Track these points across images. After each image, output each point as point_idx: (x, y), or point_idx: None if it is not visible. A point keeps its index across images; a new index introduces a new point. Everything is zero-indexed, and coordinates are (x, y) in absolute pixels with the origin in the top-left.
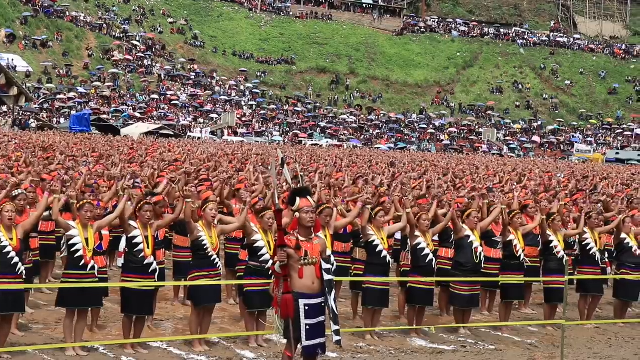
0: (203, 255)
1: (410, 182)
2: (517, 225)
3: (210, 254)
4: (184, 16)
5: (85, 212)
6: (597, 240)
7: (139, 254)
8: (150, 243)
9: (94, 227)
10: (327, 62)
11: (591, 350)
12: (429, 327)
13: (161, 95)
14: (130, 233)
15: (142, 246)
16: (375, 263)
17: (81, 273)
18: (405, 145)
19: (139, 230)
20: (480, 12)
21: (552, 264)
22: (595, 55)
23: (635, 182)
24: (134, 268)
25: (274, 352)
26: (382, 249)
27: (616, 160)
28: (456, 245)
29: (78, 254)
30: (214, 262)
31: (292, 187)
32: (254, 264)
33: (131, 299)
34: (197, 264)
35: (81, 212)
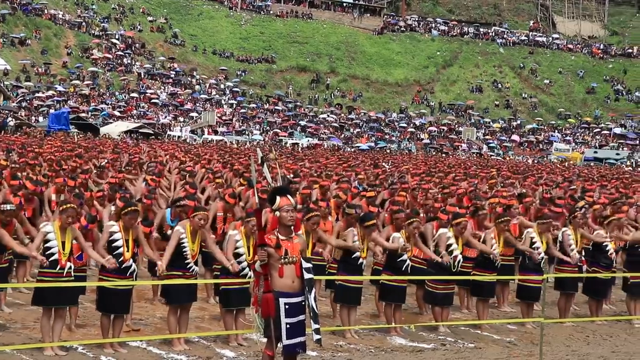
0: (179, 257)
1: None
2: (501, 229)
3: (187, 260)
4: (164, 14)
5: (67, 217)
6: (577, 240)
7: (118, 257)
8: (131, 247)
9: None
10: (308, 61)
11: (569, 348)
12: (408, 325)
13: (141, 93)
14: (112, 236)
15: (122, 249)
16: (350, 264)
17: (56, 272)
18: (386, 144)
19: (120, 234)
20: (460, 12)
21: (529, 262)
22: (574, 55)
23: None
24: (112, 269)
25: (254, 351)
26: (359, 255)
27: (594, 159)
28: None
29: (53, 258)
30: (188, 267)
31: (271, 186)
32: None
33: (107, 298)
34: (172, 264)
35: (63, 216)
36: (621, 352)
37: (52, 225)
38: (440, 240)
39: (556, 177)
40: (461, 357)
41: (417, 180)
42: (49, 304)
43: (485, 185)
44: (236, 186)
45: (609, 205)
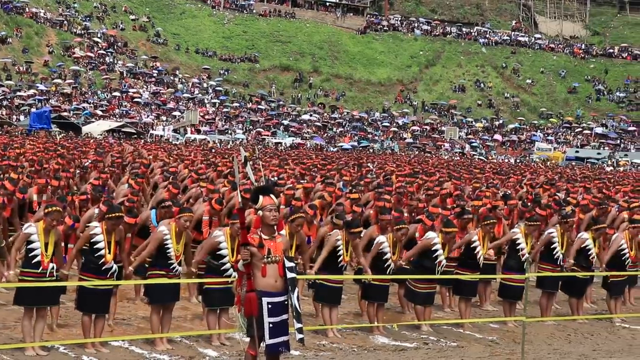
0: (163, 257)
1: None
2: (486, 231)
3: (171, 260)
4: (146, 13)
5: (52, 219)
6: (563, 243)
7: (99, 259)
8: (112, 249)
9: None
10: (291, 60)
11: (551, 346)
12: (391, 324)
13: (123, 92)
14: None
15: (104, 251)
16: (331, 264)
17: (39, 273)
18: (368, 143)
19: (102, 235)
20: (443, 11)
21: (512, 261)
22: (556, 55)
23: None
24: (92, 269)
25: (236, 350)
26: (342, 259)
27: (576, 158)
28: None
29: (36, 260)
30: (172, 267)
31: (255, 186)
32: (214, 263)
33: (87, 298)
34: (155, 263)
35: (47, 218)
36: (602, 351)
37: (35, 226)
38: (423, 242)
39: (538, 177)
40: (443, 356)
41: (402, 180)
42: (30, 304)
43: (469, 187)
44: (220, 187)
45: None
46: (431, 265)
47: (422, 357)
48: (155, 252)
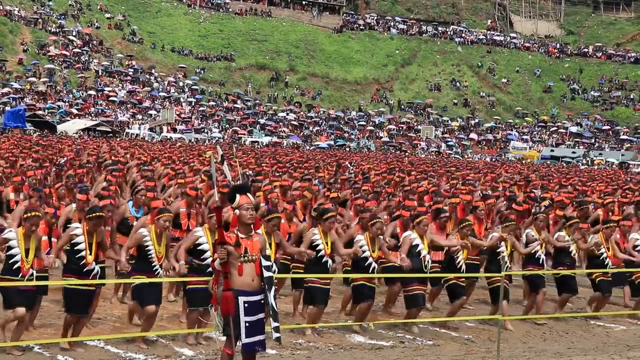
0: (144, 260)
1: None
2: (464, 234)
3: (152, 261)
4: (122, 11)
5: (31, 225)
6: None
7: (80, 260)
8: (94, 250)
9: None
10: (267, 58)
11: (526, 344)
12: (367, 323)
13: (98, 91)
14: (74, 239)
15: (85, 253)
16: (315, 264)
17: (18, 279)
18: (345, 142)
19: (83, 237)
20: (419, 10)
21: (493, 267)
22: (531, 54)
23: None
24: (74, 270)
25: (212, 349)
26: (323, 253)
27: (551, 157)
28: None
29: (16, 266)
30: (154, 269)
31: (231, 184)
32: (197, 262)
33: (73, 299)
34: (137, 268)
35: (26, 224)
36: (577, 349)
37: (15, 232)
38: (404, 244)
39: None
40: (419, 355)
41: (381, 179)
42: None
43: (446, 183)
44: (197, 183)
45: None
46: (418, 265)
47: (398, 355)
48: (136, 256)
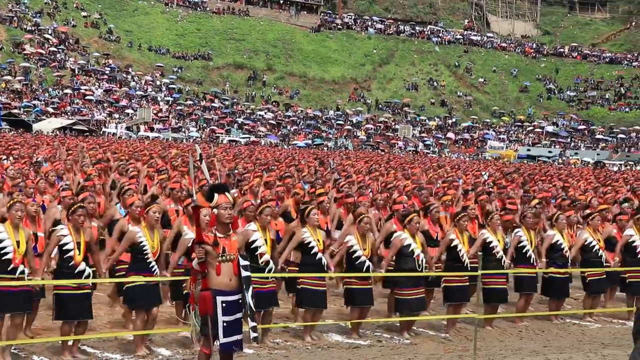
0: (140, 259)
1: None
2: (462, 228)
3: (148, 258)
4: (98, 10)
5: (16, 211)
6: (532, 240)
7: (69, 260)
8: (82, 249)
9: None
10: (244, 58)
11: (502, 343)
12: (345, 322)
13: (75, 90)
14: (62, 240)
15: (73, 253)
16: (310, 264)
17: (9, 277)
18: (323, 141)
19: (70, 237)
20: (396, 10)
21: (490, 264)
22: (507, 54)
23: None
24: (65, 274)
25: (190, 349)
26: (317, 250)
27: (527, 156)
28: (398, 252)
29: (6, 257)
30: (151, 267)
31: (210, 183)
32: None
33: (68, 305)
34: (133, 268)
35: (11, 212)
36: (553, 347)
37: (2, 226)
38: (393, 246)
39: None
40: (397, 354)
41: (362, 178)
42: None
43: (425, 178)
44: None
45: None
46: (411, 266)
47: (376, 354)
48: (130, 257)
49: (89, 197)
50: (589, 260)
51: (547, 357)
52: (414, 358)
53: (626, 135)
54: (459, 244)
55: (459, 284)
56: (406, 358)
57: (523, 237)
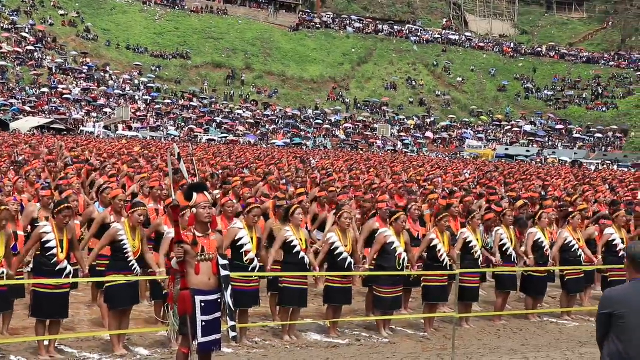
0: (120, 257)
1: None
2: (443, 228)
3: (128, 257)
4: (76, 8)
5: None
6: (512, 238)
7: (52, 258)
8: (65, 247)
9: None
10: (223, 57)
11: (481, 341)
12: (324, 321)
13: (52, 89)
14: (44, 237)
15: (56, 250)
16: (293, 263)
17: None
18: (302, 140)
19: (53, 234)
20: (375, 9)
21: (466, 263)
22: (486, 53)
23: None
24: (46, 271)
25: (168, 349)
26: (299, 249)
27: (506, 156)
28: (381, 249)
29: None
30: (131, 266)
31: (189, 182)
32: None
33: (44, 303)
34: (113, 266)
35: None
36: (530, 345)
37: None
38: (376, 242)
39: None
40: (375, 352)
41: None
42: None
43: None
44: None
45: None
46: (392, 264)
47: (354, 353)
48: (110, 255)
49: (73, 196)
50: (567, 260)
51: (525, 355)
52: (392, 357)
53: (603, 135)
54: (439, 243)
55: (438, 283)
56: (385, 357)
57: (504, 235)
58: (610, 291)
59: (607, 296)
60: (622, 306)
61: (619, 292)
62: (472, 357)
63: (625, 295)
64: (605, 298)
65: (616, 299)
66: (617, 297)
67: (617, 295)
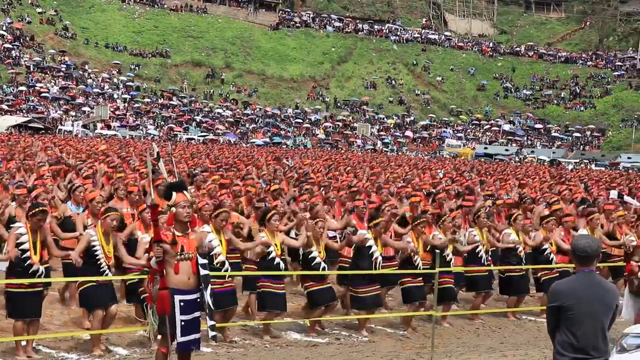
0: (92, 262)
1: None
2: (419, 233)
3: (100, 263)
4: (54, 6)
5: None
6: (484, 240)
7: (25, 260)
8: (38, 249)
9: None
10: (203, 55)
11: (460, 340)
12: (303, 320)
13: (30, 87)
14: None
15: (30, 253)
16: (267, 267)
17: None
18: (281, 139)
19: (27, 236)
20: (354, 8)
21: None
22: (465, 53)
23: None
24: (19, 272)
25: (147, 348)
26: (274, 255)
27: (485, 155)
28: (356, 249)
29: None
30: (102, 271)
31: (168, 182)
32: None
33: (18, 303)
34: (84, 270)
35: None
36: (509, 343)
37: None
38: (356, 240)
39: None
40: (355, 351)
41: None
42: None
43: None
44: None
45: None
46: (368, 265)
47: (334, 352)
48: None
49: (43, 194)
50: (541, 262)
51: (504, 353)
52: (372, 355)
53: (581, 134)
54: (415, 248)
55: (414, 284)
56: (364, 356)
57: (477, 237)
58: (557, 284)
59: (555, 289)
60: (570, 298)
61: (566, 284)
62: (451, 355)
63: (571, 287)
64: (553, 291)
65: (564, 292)
66: (565, 289)
67: (565, 288)
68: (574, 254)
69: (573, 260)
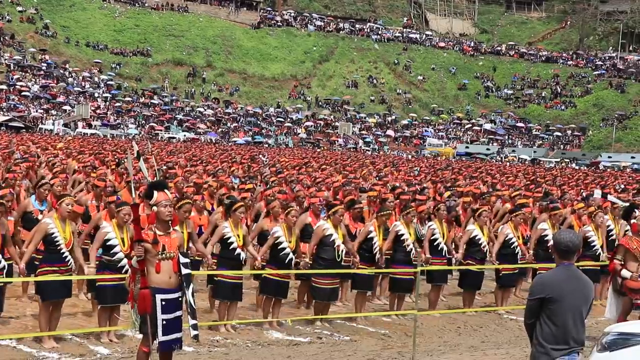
0: (53, 250)
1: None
2: (381, 221)
3: (61, 249)
4: (34, 5)
5: None
6: (444, 233)
7: None
8: None
9: None
10: (184, 54)
11: (441, 339)
12: (285, 319)
13: (10, 85)
14: None
15: None
16: (228, 257)
17: None
18: (263, 138)
19: None
20: (336, 7)
21: (399, 254)
22: (446, 52)
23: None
24: None
25: (128, 347)
26: (236, 246)
27: (466, 154)
28: (319, 242)
29: None
30: (64, 257)
31: (149, 181)
32: (107, 258)
33: None
34: (46, 259)
35: None
36: (490, 342)
37: None
38: (315, 235)
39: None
40: (337, 350)
41: (293, 173)
42: None
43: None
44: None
45: (478, 198)
46: (331, 256)
47: (316, 351)
48: (43, 248)
49: (8, 195)
50: (505, 255)
51: (485, 352)
52: (353, 354)
53: (562, 133)
54: (375, 236)
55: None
56: (346, 354)
57: (436, 229)
58: (541, 277)
59: (539, 282)
60: (553, 290)
61: (549, 277)
62: (433, 354)
63: (554, 280)
64: (537, 284)
65: (547, 284)
66: (548, 281)
67: (548, 280)
68: (557, 247)
69: (554, 253)
